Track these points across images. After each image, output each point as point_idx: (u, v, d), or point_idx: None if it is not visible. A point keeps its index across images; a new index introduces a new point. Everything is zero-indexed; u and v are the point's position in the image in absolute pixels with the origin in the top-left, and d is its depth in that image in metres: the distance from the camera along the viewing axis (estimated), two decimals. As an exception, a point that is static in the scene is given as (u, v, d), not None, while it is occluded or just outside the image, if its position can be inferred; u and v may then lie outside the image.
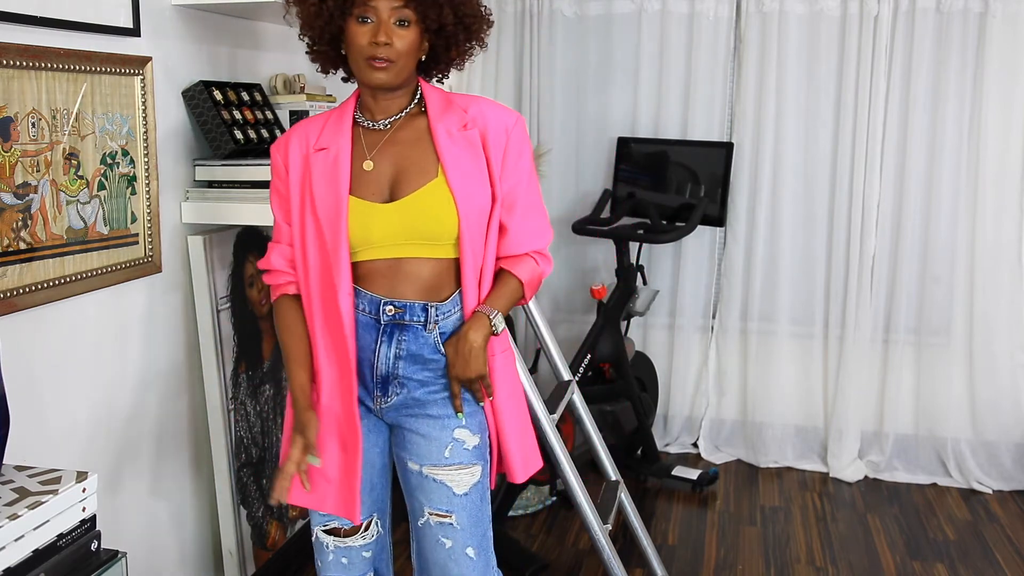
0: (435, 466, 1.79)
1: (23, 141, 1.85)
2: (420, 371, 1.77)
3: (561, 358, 2.69)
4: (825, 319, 3.90)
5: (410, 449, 1.81)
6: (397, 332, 1.75)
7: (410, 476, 1.83)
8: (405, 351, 1.76)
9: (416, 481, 1.81)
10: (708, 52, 3.84)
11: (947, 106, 3.66)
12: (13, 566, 1.43)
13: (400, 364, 1.76)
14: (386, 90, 1.74)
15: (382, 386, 1.78)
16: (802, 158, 3.84)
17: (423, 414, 1.80)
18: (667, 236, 3.60)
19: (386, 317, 1.74)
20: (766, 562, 3.11)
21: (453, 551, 1.80)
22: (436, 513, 1.80)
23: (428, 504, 1.80)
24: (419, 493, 1.82)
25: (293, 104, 2.70)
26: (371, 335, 1.75)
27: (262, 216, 2.38)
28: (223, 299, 2.50)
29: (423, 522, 1.82)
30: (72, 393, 2.05)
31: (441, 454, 1.79)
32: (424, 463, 1.80)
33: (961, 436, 3.80)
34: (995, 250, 3.70)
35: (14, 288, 1.85)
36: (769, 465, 3.92)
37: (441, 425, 1.79)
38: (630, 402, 3.63)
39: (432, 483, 1.79)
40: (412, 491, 1.83)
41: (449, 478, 1.79)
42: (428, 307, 1.74)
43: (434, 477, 1.79)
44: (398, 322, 1.74)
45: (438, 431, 1.79)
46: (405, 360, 1.76)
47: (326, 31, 1.73)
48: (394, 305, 1.73)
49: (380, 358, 1.76)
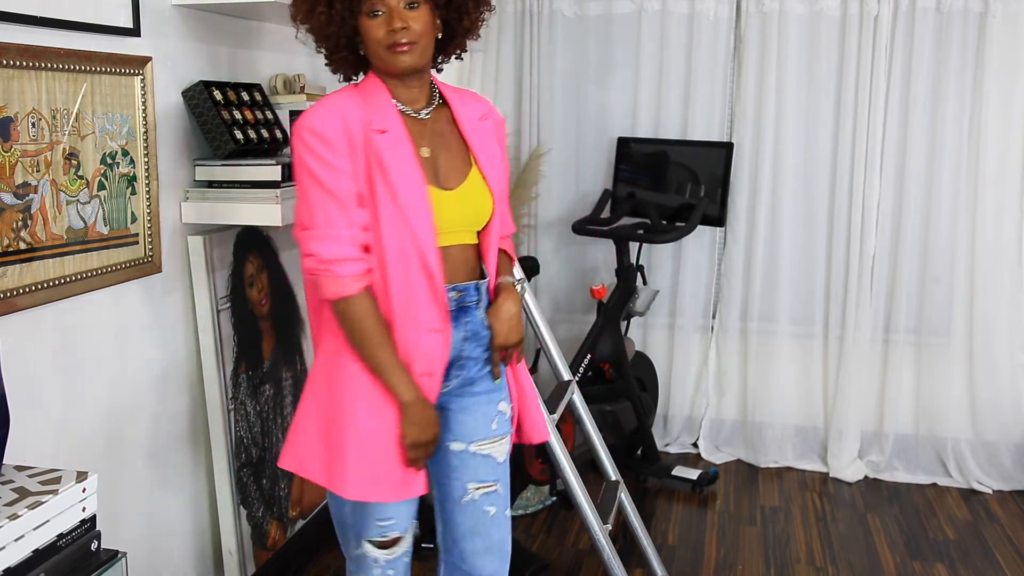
0: (483, 440, 1.87)
1: (23, 141, 1.85)
2: (476, 348, 1.84)
3: (561, 358, 2.69)
4: (825, 319, 3.90)
5: (455, 430, 1.86)
6: (462, 315, 1.80)
7: (451, 457, 1.87)
8: (470, 332, 1.82)
9: (458, 460, 1.87)
10: (708, 52, 3.83)
11: (947, 106, 3.66)
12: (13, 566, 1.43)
13: (466, 346, 1.82)
14: (413, 75, 1.76)
15: (446, 371, 1.80)
16: (802, 158, 3.84)
17: (470, 392, 1.85)
18: (667, 236, 3.60)
19: (453, 303, 1.78)
20: (766, 562, 3.11)
21: (496, 516, 1.90)
22: (483, 486, 1.88)
23: (474, 479, 1.87)
24: (462, 473, 1.87)
25: (293, 104, 2.70)
26: None
27: (262, 216, 2.38)
28: (223, 299, 2.49)
29: (467, 499, 1.87)
30: (72, 393, 2.05)
31: (489, 427, 1.87)
32: (471, 440, 1.86)
33: (961, 436, 3.80)
34: (995, 250, 3.70)
35: (14, 288, 1.85)
36: (769, 465, 3.92)
37: (487, 399, 1.87)
38: (630, 402, 3.63)
39: (479, 458, 1.87)
40: (451, 473, 1.87)
41: (493, 449, 1.88)
42: (479, 286, 1.82)
43: (481, 452, 1.87)
44: (462, 304, 1.79)
45: (485, 405, 1.87)
46: (470, 341, 1.82)
47: (341, 36, 1.74)
48: (457, 289, 1.78)
49: (453, 343, 1.79)
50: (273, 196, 2.36)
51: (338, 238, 1.67)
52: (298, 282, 2.86)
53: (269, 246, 2.74)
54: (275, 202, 2.35)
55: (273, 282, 2.74)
